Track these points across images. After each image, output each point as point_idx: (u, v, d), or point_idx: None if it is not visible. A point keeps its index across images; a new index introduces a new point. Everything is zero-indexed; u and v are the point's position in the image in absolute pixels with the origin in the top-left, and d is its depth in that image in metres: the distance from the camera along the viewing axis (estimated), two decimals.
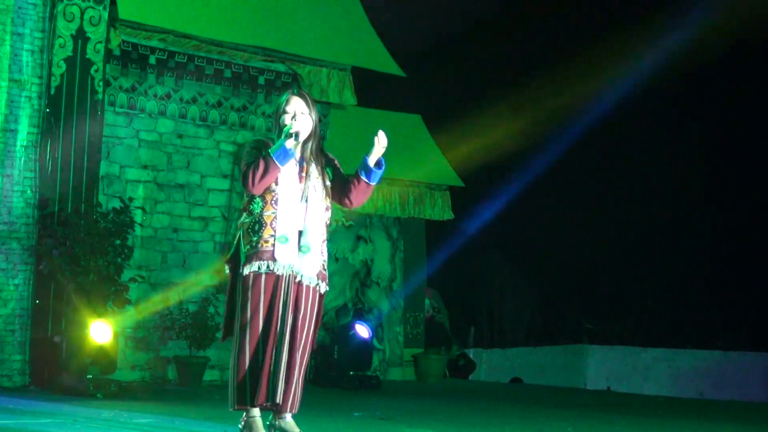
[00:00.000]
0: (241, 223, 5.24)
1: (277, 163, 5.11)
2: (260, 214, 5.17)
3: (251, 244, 5.16)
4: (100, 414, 6.81)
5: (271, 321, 5.11)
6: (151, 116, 10.59)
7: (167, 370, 10.53)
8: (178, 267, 10.72)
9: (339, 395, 9.89)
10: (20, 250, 9.36)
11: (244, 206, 5.27)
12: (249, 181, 5.10)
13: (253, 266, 5.13)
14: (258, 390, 5.07)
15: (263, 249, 5.13)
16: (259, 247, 5.13)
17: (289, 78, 11.36)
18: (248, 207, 5.22)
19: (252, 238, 5.16)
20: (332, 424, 6.67)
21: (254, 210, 5.19)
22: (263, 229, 5.15)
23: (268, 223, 5.16)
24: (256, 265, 5.12)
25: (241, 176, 5.16)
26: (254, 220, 5.18)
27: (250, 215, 5.20)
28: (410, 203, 12.84)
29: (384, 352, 12.84)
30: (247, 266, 5.14)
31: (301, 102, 5.33)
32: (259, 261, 5.12)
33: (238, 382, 5.11)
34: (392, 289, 13.06)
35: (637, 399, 11.60)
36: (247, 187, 5.13)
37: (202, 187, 10.92)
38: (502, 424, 7.41)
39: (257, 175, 5.09)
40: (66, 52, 9.57)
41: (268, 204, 5.17)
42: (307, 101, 5.35)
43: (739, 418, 8.91)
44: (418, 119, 13.70)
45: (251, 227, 5.18)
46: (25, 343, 9.32)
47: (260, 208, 5.17)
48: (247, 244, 5.17)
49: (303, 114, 5.29)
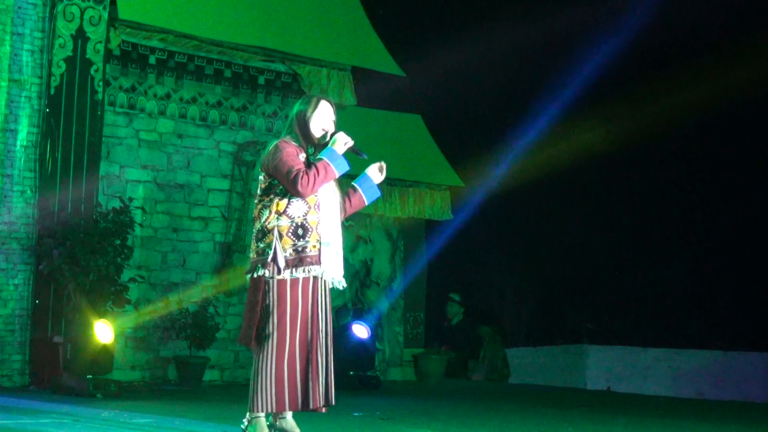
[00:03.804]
0: (276, 225, 5.13)
1: (338, 173, 5.15)
2: (304, 218, 5.13)
3: (296, 248, 5.11)
4: (100, 414, 6.81)
5: (314, 326, 5.13)
6: (151, 116, 10.59)
7: (167, 370, 10.53)
8: (178, 267, 10.72)
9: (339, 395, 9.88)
10: (20, 250, 9.36)
11: (276, 209, 5.14)
12: (310, 185, 5.05)
13: (297, 271, 5.10)
14: (309, 395, 5.08)
15: (310, 253, 5.12)
16: (305, 251, 5.11)
17: (289, 78, 11.36)
18: (285, 210, 5.12)
19: (297, 242, 5.11)
20: (332, 424, 6.67)
21: (294, 213, 5.13)
22: (309, 233, 5.12)
23: (313, 228, 5.13)
24: (300, 270, 5.10)
25: (297, 179, 5.04)
26: (296, 224, 5.12)
27: (290, 219, 5.13)
28: (410, 203, 12.83)
29: (384, 352, 12.84)
30: (291, 270, 5.10)
31: (332, 109, 5.33)
32: (307, 265, 5.11)
33: (276, 388, 5.05)
34: (392, 289, 13.06)
35: (637, 399, 11.60)
36: (304, 190, 5.05)
37: (202, 187, 10.92)
38: (502, 424, 7.41)
39: (318, 181, 5.08)
40: (66, 52, 9.56)
41: (312, 209, 5.14)
42: (335, 108, 5.37)
43: (739, 418, 8.91)
44: (418, 119, 13.70)
45: (294, 231, 5.11)
46: (25, 343, 9.31)
47: (303, 212, 5.13)
48: (290, 247, 5.11)
49: (331, 121, 5.30)
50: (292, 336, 5.08)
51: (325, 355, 5.17)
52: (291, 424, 5.23)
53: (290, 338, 5.08)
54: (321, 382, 5.13)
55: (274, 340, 5.06)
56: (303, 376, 5.09)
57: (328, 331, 5.21)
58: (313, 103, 5.28)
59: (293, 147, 5.18)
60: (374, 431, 6.54)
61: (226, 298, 10.89)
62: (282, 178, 5.12)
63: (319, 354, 5.12)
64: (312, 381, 5.08)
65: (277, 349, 5.07)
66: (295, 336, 5.08)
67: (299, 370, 5.08)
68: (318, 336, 5.13)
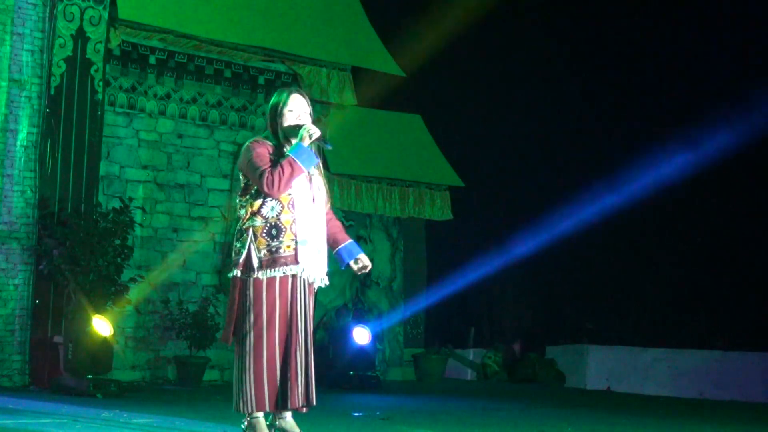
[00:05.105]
0: (250, 226, 5.10)
1: (304, 168, 5.04)
2: (277, 218, 5.07)
3: (270, 249, 5.05)
4: (100, 414, 6.81)
5: (293, 325, 5.06)
6: (151, 116, 10.59)
7: (167, 370, 10.54)
8: (178, 267, 10.72)
9: (339, 395, 9.89)
10: (20, 250, 9.36)
11: (251, 209, 5.11)
12: (276, 185, 4.97)
13: (272, 271, 5.04)
14: (288, 395, 5.04)
15: (285, 253, 5.04)
16: (280, 251, 5.04)
17: (289, 78, 11.36)
18: (259, 210, 5.08)
19: (270, 242, 5.05)
20: (332, 424, 6.67)
21: (268, 214, 5.08)
22: (283, 233, 5.05)
23: (287, 227, 5.06)
24: (276, 270, 5.04)
25: (262, 180, 4.99)
26: (270, 224, 5.07)
27: (264, 219, 5.09)
28: (410, 203, 12.83)
29: (384, 352, 12.84)
30: (265, 271, 5.04)
31: (303, 101, 5.25)
32: (281, 266, 5.04)
33: (255, 388, 5.03)
34: (392, 289, 13.06)
35: (637, 399, 11.60)
36: (272, 189, 4.99)
37: (202, 187, 10.92)
38: (502, 424, 7.41)
39: (284, 179, 4.98)
40: (66, 52, 9.57)
41: (286, 208, 5.07)
42: (308, 100, 5.29)
43: (739, 418, 8.91)
44: (418, 119, 13.70)
45: (267, 231, 5.06)
46: (25, 343, 9.32)
47: (277, 212, 5.07)
48: (264, 248, 5.06)
49: (306, 114, 5.23)
50: (269, 335, 5.05)
51: (304, 354, 5.08)
52: (291, 424, 5.21)
53: (268, 338, 5.05)
54: (301, 382, 5.06)
55: (251, 340, 5.05)
56: (282, 376, 5.05)
57: (308, 330, 5.12)
58: (284, 97, 5.24)
59: (264, 146, 5.14)
60: (374, 431, 6.54)
61: (226, 298, 10.89)
62: (253, 179, 5.10)
63: (298, 353, 5.05)
64: (291, 381, 5.04)
65: (255, 349, 5.05)
66: (273, 335, 5.05)
67: (279, 369, 5.05)
68: (297, 335, 5.06)
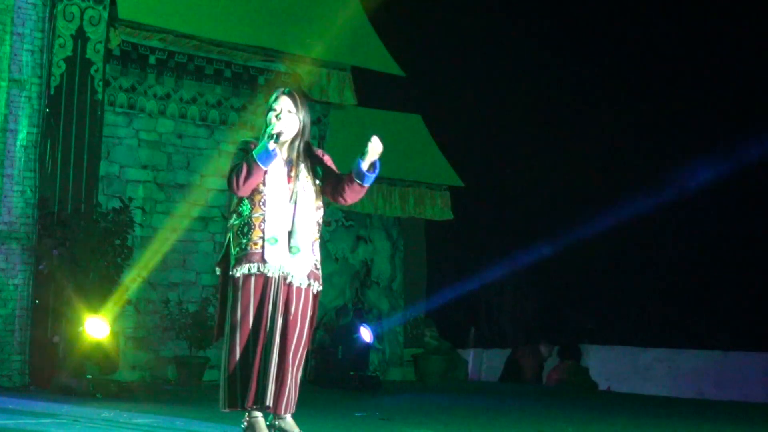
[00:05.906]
0: (231, 225, 5.23)
1: (261, 165, 5.10)
2: (249, 216, 5.16)
3: (240, 246, 5.16)
4: (100, 414, 6.81)
5: (260, 323, 5.09)
6: (151, 116, 10.59)
7: (167, 370, 10.54)
8: (178, 267, 10.72)
9: (339, 395, 9.89)
10: (20, 250, 9.36)
11: (233, 208, 5.26)
12: (234, 184, 5.11)
13: (243, 268, 5.13)
14: (248, 392, 5.05)
15: (253, 251, 5.13)
16: (248, 249, 5.13)
17: (289, 78, 11.36)
18: (237, 209, 5.21)
19: (241, 240, 5.16)
20: (332, 424, 6.67)
21: (243, 212, 5.18)
22: (252, 231, 5.15)
23: (256, 225, 5.15)
24: (246, 267, 5.12)
25: (227, 180, 5.16)
26: (243, 222, 5.17)
27: (240, 217, 5.19)
28: (410, 203, 12.83)
29: (384, 352, 12.84)
30: (237, 268, 5.14)
31: (290, 101, 5.31)
32: (249, 263, 5.12)
33: (228, 384, 5.10)
34: (392, 289, 13.06)
35: (637, 399, 11.60)
36: (233, 189, 5.13)
37: (202, 187, 10.92)
38: (502, 424, 7.41)
39: (241, 178, 5.09)
40: (66, 52, 9.56)
41: (257, 206, 5.16)
42: (296, 100, 5.32)
43: (739, 418, 8.91)
44: (418, 119, 13.69)
45: (240, 229, 5.18)
46: (24, 343, 9.31)
47: (249, 210, 5.17)
48: (237, 246, 5.17)
49: (290, 113, 5.27)
50: (242, 333, 5.09)
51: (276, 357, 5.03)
52: (291, 424, 5.22)
53: (240, 336, 5.09)
54: (271, 384, 5.04)
55: (227, 338, 5.15)
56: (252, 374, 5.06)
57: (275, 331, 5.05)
58: (272, 98, 5.36)
59: (246, 147, 5.23)
60: (374, 431, 6.54)
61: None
62: None
63: (262, 355, 5.06)
64: (252, 381, 5.04)
65: (229, 347, 5.11)
66: (246, 333, 5.10)
67: (250, 368, 5.06)
68: (263, 336, 5.08)
